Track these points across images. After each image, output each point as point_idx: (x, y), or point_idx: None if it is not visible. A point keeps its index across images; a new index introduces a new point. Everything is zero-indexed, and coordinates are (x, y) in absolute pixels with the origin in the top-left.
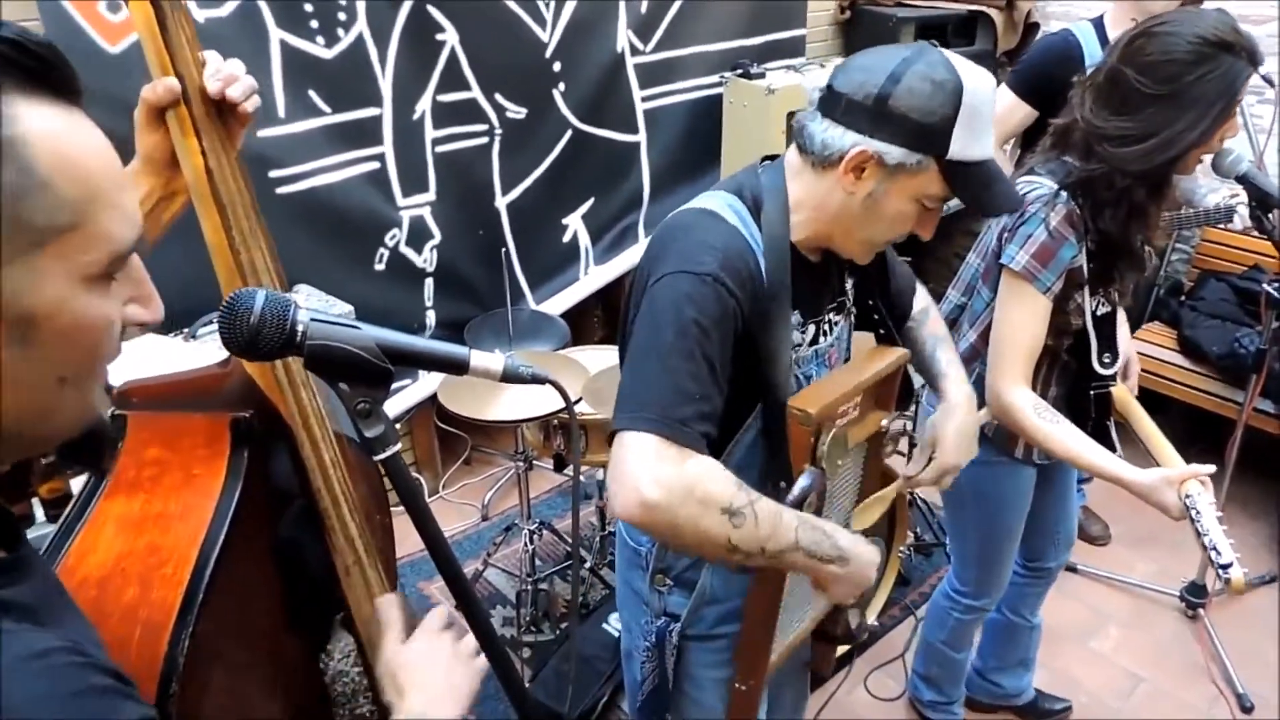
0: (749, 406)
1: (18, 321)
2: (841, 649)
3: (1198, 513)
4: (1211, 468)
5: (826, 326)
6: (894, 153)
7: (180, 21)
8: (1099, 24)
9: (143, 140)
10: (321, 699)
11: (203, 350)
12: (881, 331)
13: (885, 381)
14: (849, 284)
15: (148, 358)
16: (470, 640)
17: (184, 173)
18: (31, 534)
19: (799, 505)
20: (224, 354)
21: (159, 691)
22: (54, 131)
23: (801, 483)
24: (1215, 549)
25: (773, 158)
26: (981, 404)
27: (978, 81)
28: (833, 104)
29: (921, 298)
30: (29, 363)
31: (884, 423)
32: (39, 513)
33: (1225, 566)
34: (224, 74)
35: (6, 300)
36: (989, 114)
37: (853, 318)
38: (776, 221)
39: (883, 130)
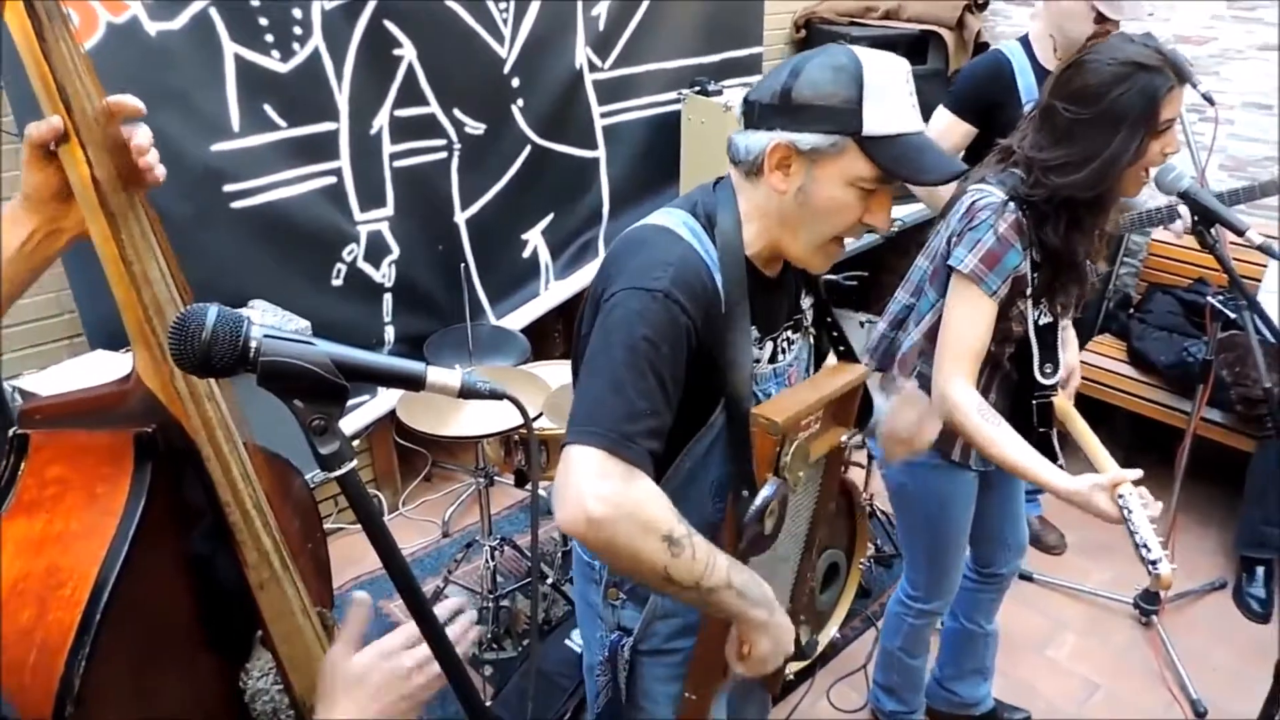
0: (702, 417)
1: None
2: (798, 664)
3: (1130, 511)
4: (1138, 472)
5: (784, 344)
6: (806, 139)
7: (60, 29)
8: (1025, 41)
9: (28, 178)
10: (242, 717)
11: None
12: (841, 349)
13: (846, 398)
14: (806, 303)
15: (93, 374)
16: (425, 670)
17: (70, 180)
18: None
19: (761, 513)
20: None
21: (54, 715)
22: None
23: (765, 491)
24: (1145, 546)
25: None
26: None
27: (880, 60)
28: (750, 114)
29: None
30: None
31: (843, 439)
32: None
33: (1154, 562)
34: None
35: None
36: (901, 89)
37: (812, 339)
38: (730, 236)
39: (793, 122)
